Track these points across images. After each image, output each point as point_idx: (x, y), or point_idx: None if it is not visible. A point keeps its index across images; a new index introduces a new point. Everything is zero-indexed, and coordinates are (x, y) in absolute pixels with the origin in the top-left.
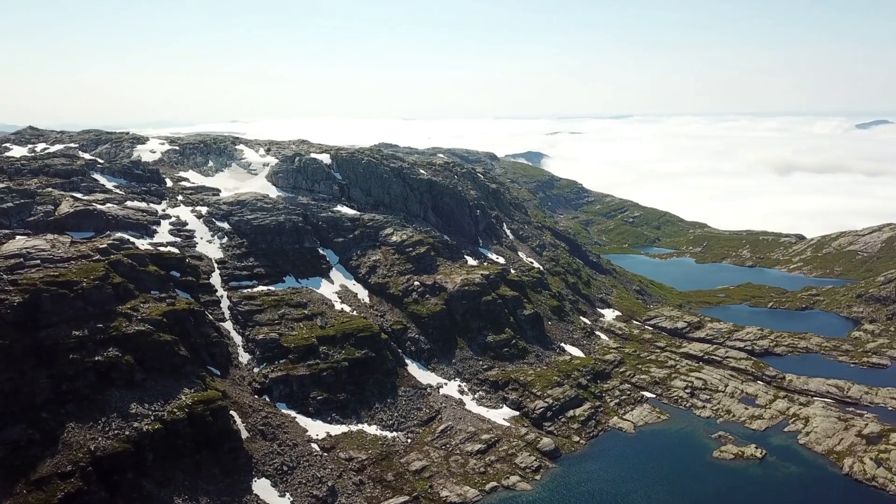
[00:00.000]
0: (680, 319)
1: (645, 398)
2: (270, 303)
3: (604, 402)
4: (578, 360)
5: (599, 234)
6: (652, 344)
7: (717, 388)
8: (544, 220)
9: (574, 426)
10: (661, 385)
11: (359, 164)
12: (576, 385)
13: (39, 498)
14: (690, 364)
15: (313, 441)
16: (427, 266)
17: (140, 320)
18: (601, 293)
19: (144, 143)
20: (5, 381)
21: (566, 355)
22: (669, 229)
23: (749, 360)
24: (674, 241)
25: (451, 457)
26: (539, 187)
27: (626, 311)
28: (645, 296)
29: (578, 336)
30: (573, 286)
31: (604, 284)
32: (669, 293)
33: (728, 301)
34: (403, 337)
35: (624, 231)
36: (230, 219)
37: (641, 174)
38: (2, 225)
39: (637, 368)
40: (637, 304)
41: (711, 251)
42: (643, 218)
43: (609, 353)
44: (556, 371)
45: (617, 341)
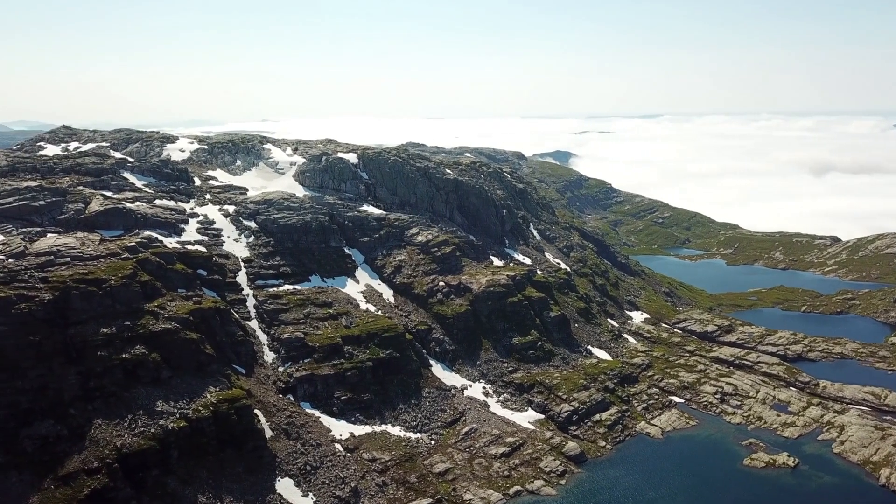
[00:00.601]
0: (710, 323)
1: (673, 403)
2: (296, 302)
3: (631, 406)
4: (605, 363)
5: (628, 234)
6: (681, 347)
7: (747, 393)
8: (572, 221)
9: (600, 430)
10: (690, 390)
11: (385, 164)
12: (602, 389)
13: (66, 494)
14: (720, 369)
15: (337, 441)
16: (452, 266)
17: (167, 318)
18: (629, 295)
19: (174, 143)
20: (35, 378)
21: (593, 358)
22: (700, 230)
23: (781, 365)
24: (704, 243)
25: (474, 459)
26: (567, 187)
27: (655, 314)
28: (674, 298)
29: (606, 339)
30: (601, 288)
31: (632, 286)
32: (699, 295)
33: (760, 304)
34: (428, 337)
35: (653, 232)
36: (257, 218)
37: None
38: (34, 223)
39: (665, 372)
40: (666, 306)
41: (743, 253)
42: (673, 218)
43: (637, 356)
44: (583, 374)
45: (645, 344)
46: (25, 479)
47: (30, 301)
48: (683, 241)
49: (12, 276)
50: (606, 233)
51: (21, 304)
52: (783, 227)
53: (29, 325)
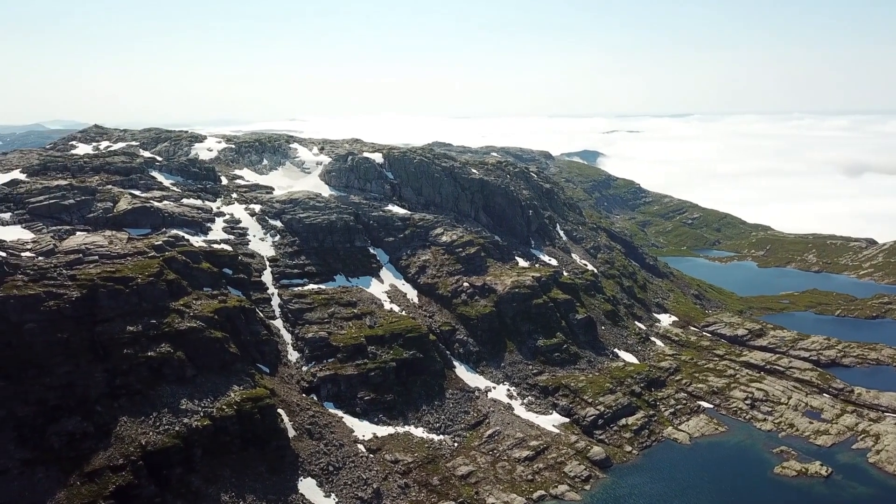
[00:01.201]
0: (740, 326)
1: (702, 408)
2: (320, 301)
3: (658, 411)
4: (632, 366)
5: (657, 235)
6: (710, 352)
7: (779, 399)
8: (599, 221)
9: (626, 435)
10: (720, 395)
11: (410, 164)
12: (629, 393)
13: (92, 490)
14: (751, 374)
15: (359, 442)
16: (477, 267)
17: (192, 317)
18: (657, 297)
19: (202, 142)
20: (63, 375)
21: (619, 361)
22: (730, 232)
23: (814, 371)
24: (735, 244)
25: (498, 463)
26: (595, 187)
27: (684, 317)
28: (703, 301)
29: (633, 342)
30: (628, 290)
31: (660, 288)
32: (729, 298)
33: (792, 308)
34: (452, 338)
35: (682, 233)
36: (283, 217)
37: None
38: (63, 221)
39: (694, 377)
40: (695, 309)
41: (775, 255)
42: (703, 219)
43: (664, 360)
44: (609, 378)
45: (673, 348)
46: (52, 476)
47: (58, 298)
48: (713, 243)
49: (42, 274)
50: (634, 234)
51: (50, 302)
52: (817, 228)
53: (57, 322)
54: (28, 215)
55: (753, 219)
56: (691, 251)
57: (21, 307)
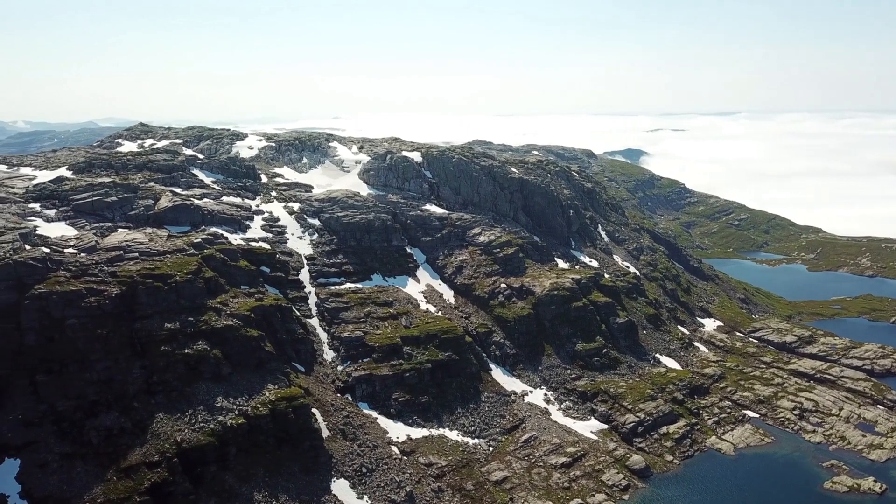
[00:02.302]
0: (789, 332)
1: (747, 418)
2: (357, 300)
3: (701, 419)
4: (674, 372)
5: (702, 237)
6: (756, 358)
7: (829, 410)
8: (642, 222)
9: (667, 444)
10: (766, 404)
11: (449, 163)
12: (671, 400)
13: (128, 486)
14: (800, 383)
15: (393, 444)
16: (515, 268)
17: (229, 315)
18: (702, 301)
19: (243, 140)
20: (102, 370)
21: (661, 367)
22: (779, 233)
23: (868, 381)
24: (784, 247)
25: (533, 469)
26: (638, 186)
27: (729, 322)
28: (750, 305)
29: (675, 347)
30: (671, 293)
31: (705, 292)
32: (777, 303)
33: (844, 314)
34: (488, 341)
35: (729, 234)
36: (321, 216)
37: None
38: (106, 218)
39: (739, 385)
40: (741, 313)
41: (826, 258)
42: (750, 221)
43: (708, 366)
44: (650, 384)
45: (717, 354)
46: (90, 470)
47: (99, 295)
48: (761, 245)
49: (83, 270)
50: (679, 235)
51: (91, 298)
52: (871, 231)
53: (98, 318)
54: (72, 212)
55: (804, 220)
56: (738, 253)
57: (63, 303)
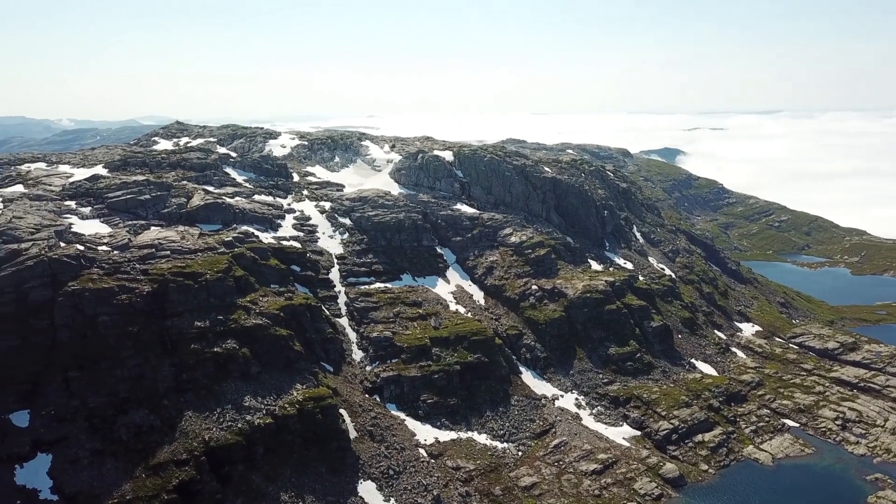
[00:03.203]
0: (831, 339)
1: (786, 427)
2: (386, 300)
3: (738, 427)
4: (710, 378)
5: (740, 238)
6: (797, 365)
7: (874, 421)
8: (679, 223)
9: (702, 453)
10: (807, 413)
11: (480, 162)
12: (706, 407)
13: (156, 483)
14: (842, 391)
15: (421, 446)
16: (547, 269)
17: (258, 314)
18: (739, 305)
19: (276, 138)
20: (133, 367)
21: (696, 373)
22: (821, 236)
23: None
24: (826, 249)
25: (563, 475)
26: (675, 187)
27: (768, 327)
28: (790, 309)
29: (711, 352)
30: (708, 296)
31: (743, 295)
32: (819, 308)
33: (890, 319)
34: (518, 343)
35: (768, 236)
36: (352, 215)
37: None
38: (139, 216)
39: (778, 392)
40: (780, 318)
41: (870, 262)
42: (791, 222)
43: (746, 373)
44: (685, 390)
45: (756, 360)
46: (119, 467)
47: (130, 293)
48: (802, 248)
49: (116, 268)
50: (716, 236)
51: (123, 296)
52: None
53: (129, 315)
54: (106, 209)
55: (847, 222)
56: (778, 256)
57: (96, 300)
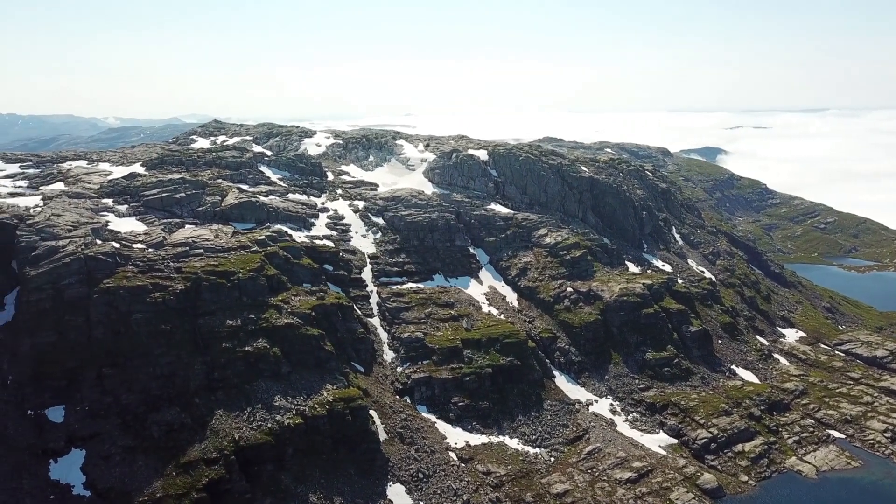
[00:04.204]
0: (880, 346)
1: (832, 438)
2: (418, 301)
3: (780, 438)
4: (752, 386)
5: (784, 240)
6: (843, 374)
7: None
8: (720, 224)
9: (742, 463)
10: (854, 425)
11: (516, 161)
12: (747, 415)
13: (186, 482)
14: (892, 402)
15: (451, 449)
16: (582, 271)
17: (290, 313)
18: (783, 310)
19: (311, 137)
20: (165, 365)
21: (737, 380)
22: (869, 238)
23: None
24: (875, 252)
25: (596, 483)
26: (716, 187)
27: (813, 333)
28: (836, 315)
29: (753, 359)
30: (750, 301)
31: (786, 300)
32: (867, 313)
33: None
34: (552, 346)
35: (813, 238)
36: (385, 214)
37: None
38: (174, 214)
39: (823, 402)
40: (826, 324)
41: None
42: (838, 224)
43: (789, 380)
44: (724, 397)
45: (799, 368)
46: (150, 464)
47: (164, 290)
48: (849, 250)
49: (150, 266)
50: (759, 238)
51: (156, 293)
52: None
53: (162, 313)
54: (142, 207)
55: None
56: (823, 259)
57: (130, 297)
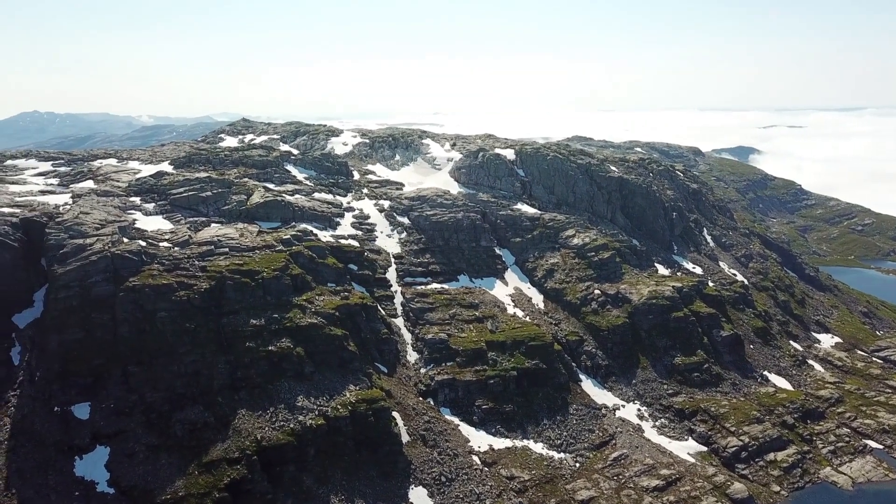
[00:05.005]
0: None
1: (869, 448)
2: (442, 301)
3: (814, 447)
4: (785, 393)
5: (819, 242)
6: (881, 381)
7: None
8: (752, 226)
9: (774, 473)
10: (892, 434)
11: (543, 160)
12: (779, 423)
13: (208, 481)
14: None
15: (474, 453)
16: (610, 273)
17: (314, 313)
18: (818, 314)
19: (338, 136)
20: (189, 364)
21: (769, 387)
22: None
23: None
24: None
25: (622, 490)
26: (749, 187)
27: (849, 338)
28: (874, 320)
29: (786, 365)
30: (783, 305)
31: (822, 304)
32: None
33: None
34: (579, 350)
35: (850, 241)
36: (410, 214)
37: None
38: (200, 213)
39: (860, 410)
40: (863, 329)
41: None
42: (875, 226)
43: (824, 388)
44: (756, 404)
45: (835, 374)
46: (173, 463)
47: (189, 289)
48: (888, 253)
49: (175, 264)
50: (793, 239)
51: (181, 292)
52: None
53: (187, 312)
54: (169, 206)
55: None
56: (860, 261)
57: (155, 296)
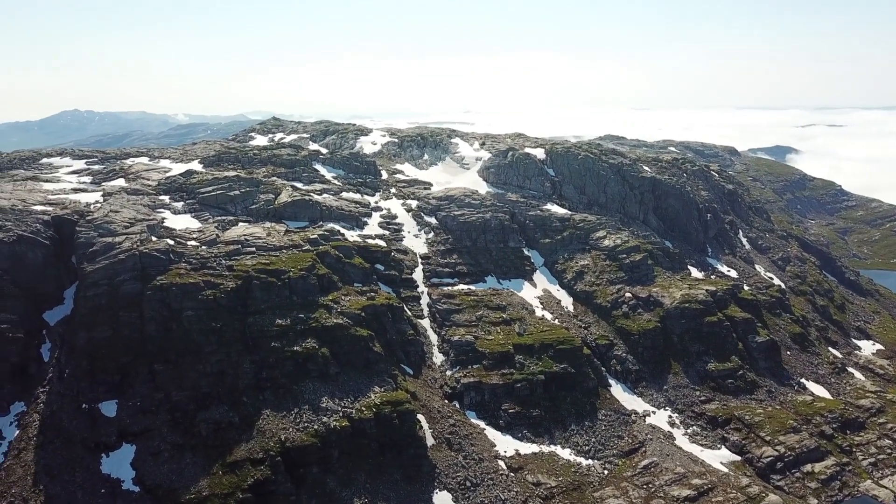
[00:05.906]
0: None
1: None
2: (469, 303)
3: (854, 459)
4: (823, 402)
5: (860, 245)
6: None
7: None
8: (790, 228)
9: (811, 485)
10: None
11: (574, 160)
12: (817, 433)
13: (232, 481)
14: None
15: (500, 458)
16: (642, 276)
17: (339, 313)
18: (858, 320)
19: (367, 135)
20: (215, 363)
21: (807, 395)
22: None
23: None
24: None
25: (652, 499)
26: (786, 188)
27: (892, 345)
28: None
29: (825, 372)
30: (822, 310)
31: (862, 309)
32: None
33: None
34: (608, 354)
35: (892, 243)
36: (438, 214)
37: None
38: (228, 212)
39: None
40: None
41: None
42: None
43: (865, 397)
44: (793, 413)
45: (876, 383)
46: (198, 462)
47: (215, 288)
48: None
49: (203, 263)
50: (833, 242)
51: (208, 291)
52: None
53: (213, 311)
54: (198, 205)
55: None
56: None
57: (182, 295)
